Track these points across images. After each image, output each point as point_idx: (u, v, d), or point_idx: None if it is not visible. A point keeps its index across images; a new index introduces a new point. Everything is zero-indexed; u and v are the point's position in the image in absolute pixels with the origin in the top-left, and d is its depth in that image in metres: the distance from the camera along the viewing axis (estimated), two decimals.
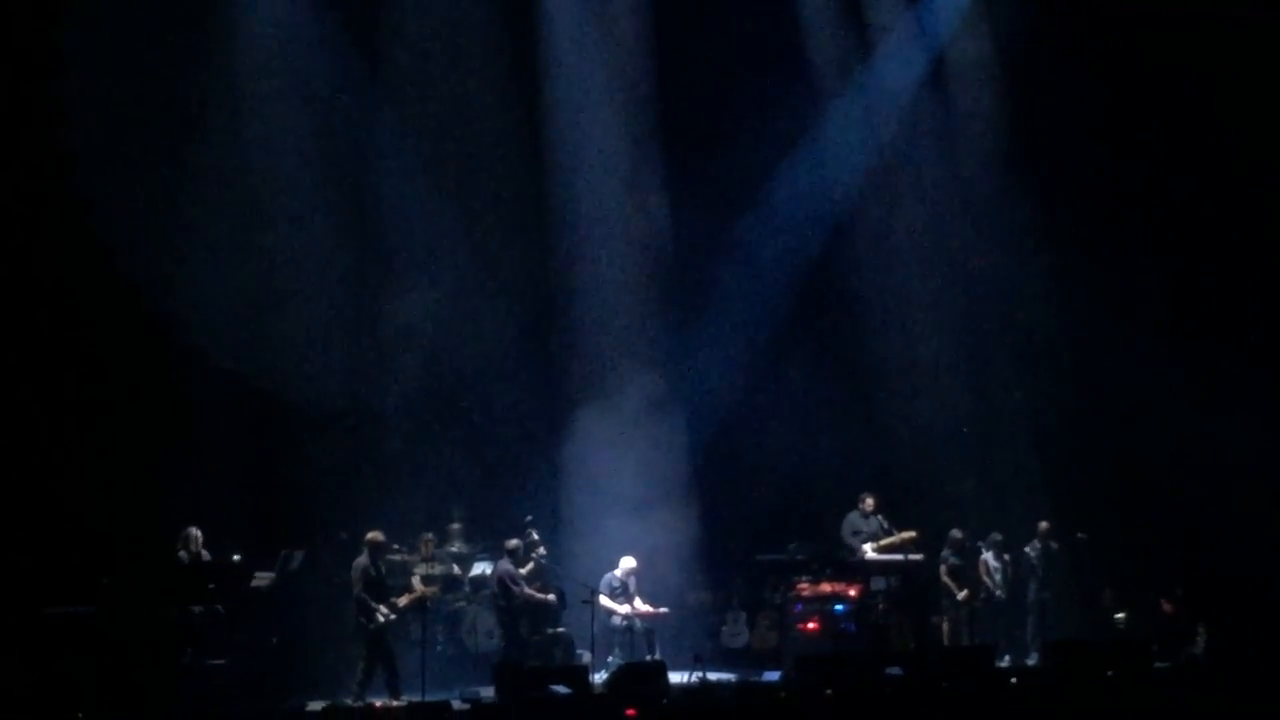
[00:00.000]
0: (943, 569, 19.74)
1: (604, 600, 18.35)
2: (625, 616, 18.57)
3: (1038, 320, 21.72)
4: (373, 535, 16.85)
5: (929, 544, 19.67)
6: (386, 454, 19.59)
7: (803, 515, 20.99)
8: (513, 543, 18.08)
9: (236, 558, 17.00)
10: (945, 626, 19.79)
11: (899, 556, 19.43)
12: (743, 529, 21.04)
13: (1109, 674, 15.92)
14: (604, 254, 21.13)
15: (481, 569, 18.88)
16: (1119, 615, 20.02)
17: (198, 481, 17.63)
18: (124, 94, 18.22)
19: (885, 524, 19.71)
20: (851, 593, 19.41)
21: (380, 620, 16.50)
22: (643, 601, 18.85)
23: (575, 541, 19.71)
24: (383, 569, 16.88)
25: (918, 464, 21.23)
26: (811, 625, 19.36)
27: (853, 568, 19.58)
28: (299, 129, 19.60)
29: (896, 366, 21.97)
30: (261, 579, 17.10)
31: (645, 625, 18.63)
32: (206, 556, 16.66)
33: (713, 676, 17.82)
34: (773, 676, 17.66)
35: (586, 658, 17.64)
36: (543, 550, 18.33)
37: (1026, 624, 20.02)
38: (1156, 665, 17.38)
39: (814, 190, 22.23)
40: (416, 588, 17.33)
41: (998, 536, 20.02)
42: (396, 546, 18.05)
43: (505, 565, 17.94)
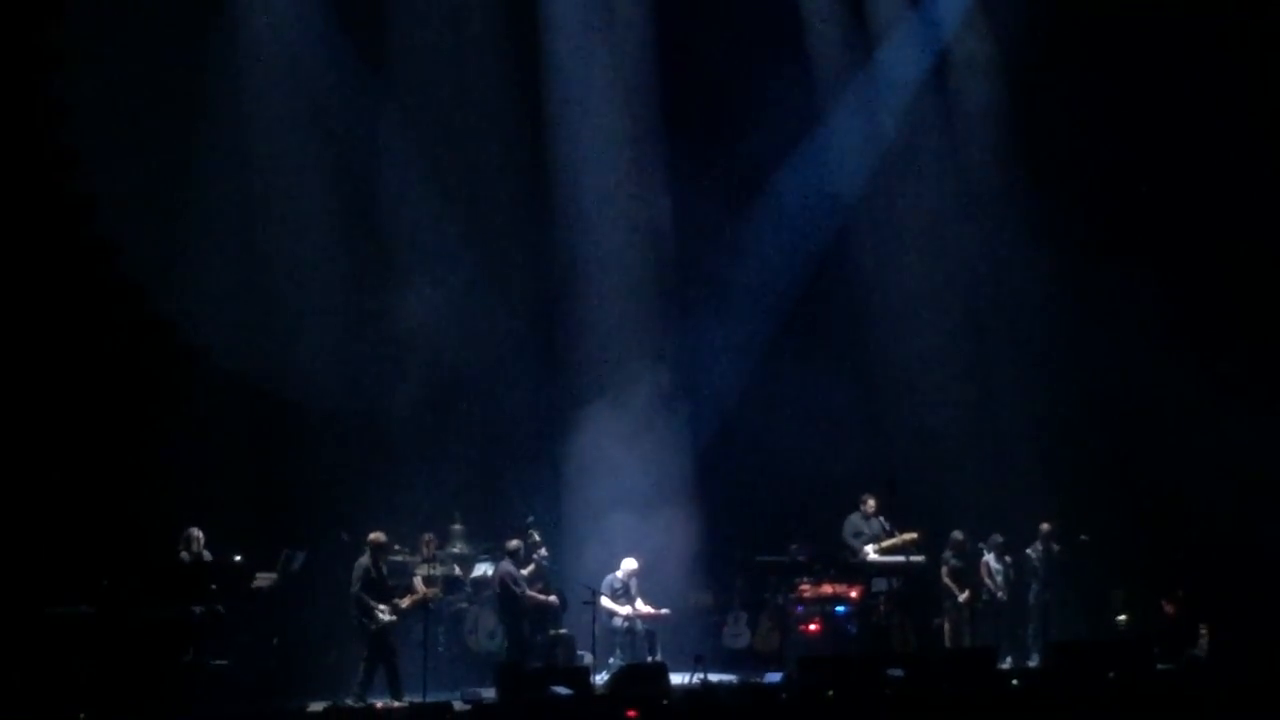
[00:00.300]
0: (944, 570, 19.74)
1: (605, 601, 18.36)
2: (626, 618, 18.58)
3: (1040, 319, 21.67)
4: (375, 536, 16.89)
5: (930, 545, 19.66)
6: (389, 454, 19.56)
7: (804, 516, 20.94)
8: (514, 544, 18.10)
9: (238, 558, 17.01)
10: (947, 628, 19.78)
11: (900, 558, 19.39)
12: (744, 530, 20.99)
13: (1111, 675, 15.90)
14: (607, 252, 21.10)
15: (483, 570, 18.85)
16: (1120, 617, 20.00)
17: (200, 481, 17.65)
18: (126, 93, 18.21)
19: (886, 525, 19.68)
20: (853, 594, 19.42)
21: (382, 620, 16.50)
22: (644, 603, 18.86)
23: (576, 542, 19.71)
24: (384, 570, 16.91)
25: (920, 464, 21.17)
26: (813, 626, 19.39)
27: (854, 569, 19.56)
28: (301, 128, 19.63)
29: (899, 366, 21.93)
30: (263, 579, 17.10)
31: (646, 626, 18.65)
32: (208, 557, 16.70)
33: (714, 678, 17.82)
34: (774, 678, 17.61)
35: (588, 659, 17.66)
36: (544, 551, 18.36)
37: (1028, 625, 20.00)
38: (1158, 667, 17.35)
39: (817, 187, 22.20)
40: (419, 588, 17.32)
41: (999, 538, 20.00)
42: (398, 547, 18.05)
43: (507, 566, 17.95)
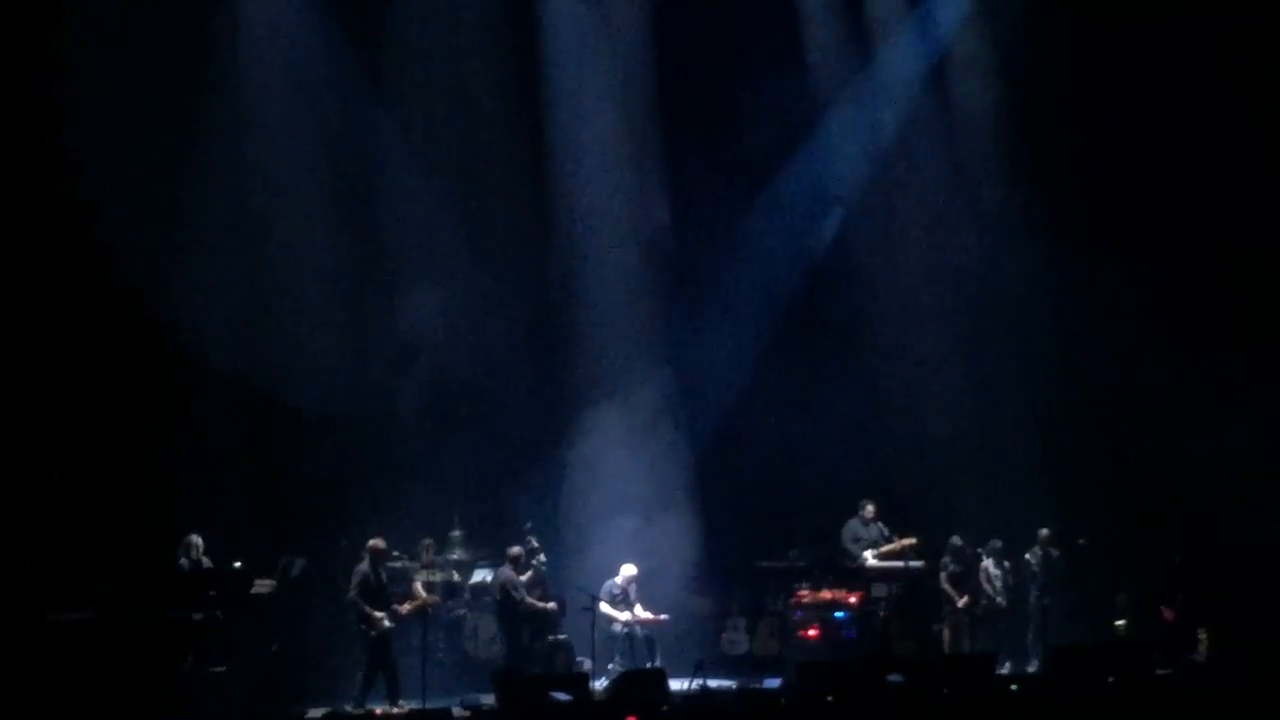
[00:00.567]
0: (943, 576, 19.69)
1: (604, 607, 18.33)
2: (626, 623, 18.55)
3: (1040, 320, 21.65)
4: (374, 542, 16.86)
5: (929, 551, 19.65)
6: (388, 460, 19.54)
7: (803, 522, 20.92)
8: (514, 550, 18.07)
9: (237, 564, 17.03)
10: (946, 633, 19.73)
11: (899, 563, 19.40)
12: (743, 535, 20.97)
13: (1110, 680, 15.91)
14: (607, 254, 21.07)
15: (482, 576, 18.83)
16: (1119, 622, 19.98)
17: (199, 487, 17.64)
18: (125, 97, 18.20)
19: (885, 531, 19.68)
20: (852, 600, 19.42)
21: (383, 627, 16.48)
22: (643, 608, 18.82)
23: (576, 548, 19.68)
24: (383, 576, 16.87)
25: (919, 470, 21.17)
26: (812, 632, 19.36)
27: (853, 574, 19.57)
28: (301, 131, 19.59)
29: (899, 367, 21.91)
30: (262, 586, 17.12)
31: (646, 632, 18.61)
32: (208, 563, 16.72)
33: (713, 684, 17.72)
34: (773, 684, 17.64)
35: (587, 665, 17.63)
36: (543, 557, 18.33)
37: (1027, 631, 19.93)
38: (1158, 671, 17.34)
39: (816, 188, 22.19)
40: (419, 594, 17.29)
41: (998, 543, 19.95)
42: (397, 553, 18.01)
43: (507, 572, 17.93)
